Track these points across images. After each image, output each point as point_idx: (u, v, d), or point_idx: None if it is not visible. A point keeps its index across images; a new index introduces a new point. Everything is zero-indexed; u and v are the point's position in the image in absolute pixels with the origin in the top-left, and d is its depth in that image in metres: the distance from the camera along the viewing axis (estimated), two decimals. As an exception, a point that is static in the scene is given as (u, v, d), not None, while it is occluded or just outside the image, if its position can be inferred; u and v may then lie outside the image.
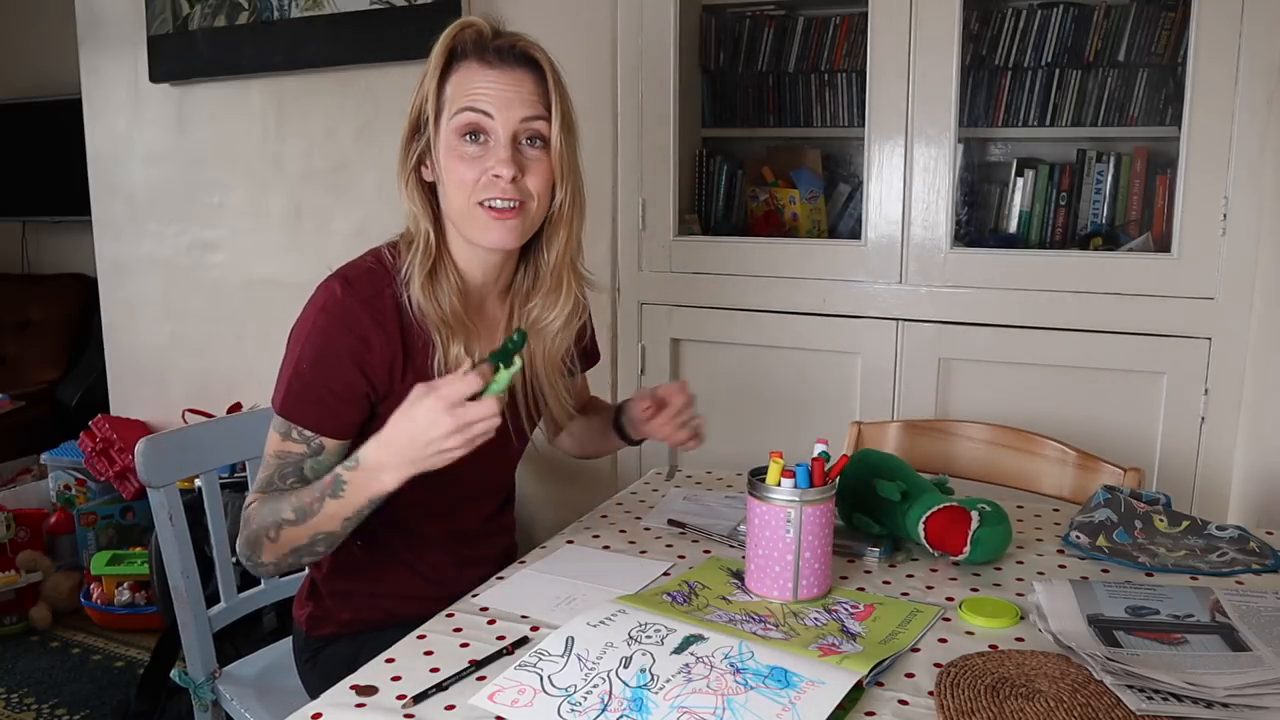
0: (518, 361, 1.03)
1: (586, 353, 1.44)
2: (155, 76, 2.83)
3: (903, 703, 0.87)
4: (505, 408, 1.28)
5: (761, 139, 2.47)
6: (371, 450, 1.06)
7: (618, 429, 1.40)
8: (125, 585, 2.62)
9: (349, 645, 1.25)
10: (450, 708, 0.88)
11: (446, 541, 1.29)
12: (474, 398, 1.00)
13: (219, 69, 2.73)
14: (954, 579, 1.15)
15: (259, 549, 1.14)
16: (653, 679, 0.89)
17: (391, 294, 1.17)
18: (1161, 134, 2.03)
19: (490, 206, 1.15)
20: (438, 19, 2.35)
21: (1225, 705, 0.83)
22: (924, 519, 1.17)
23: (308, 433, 1.14)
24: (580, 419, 1.44)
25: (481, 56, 1.16)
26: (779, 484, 1.07)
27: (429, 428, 1.00)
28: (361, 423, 1.18)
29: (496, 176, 1.14)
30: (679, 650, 0.93)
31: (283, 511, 1.11)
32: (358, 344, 1.14)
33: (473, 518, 1.33)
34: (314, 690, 1.28)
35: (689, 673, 0.89)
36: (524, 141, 1.16)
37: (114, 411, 3.15)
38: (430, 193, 1.22)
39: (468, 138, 1.15)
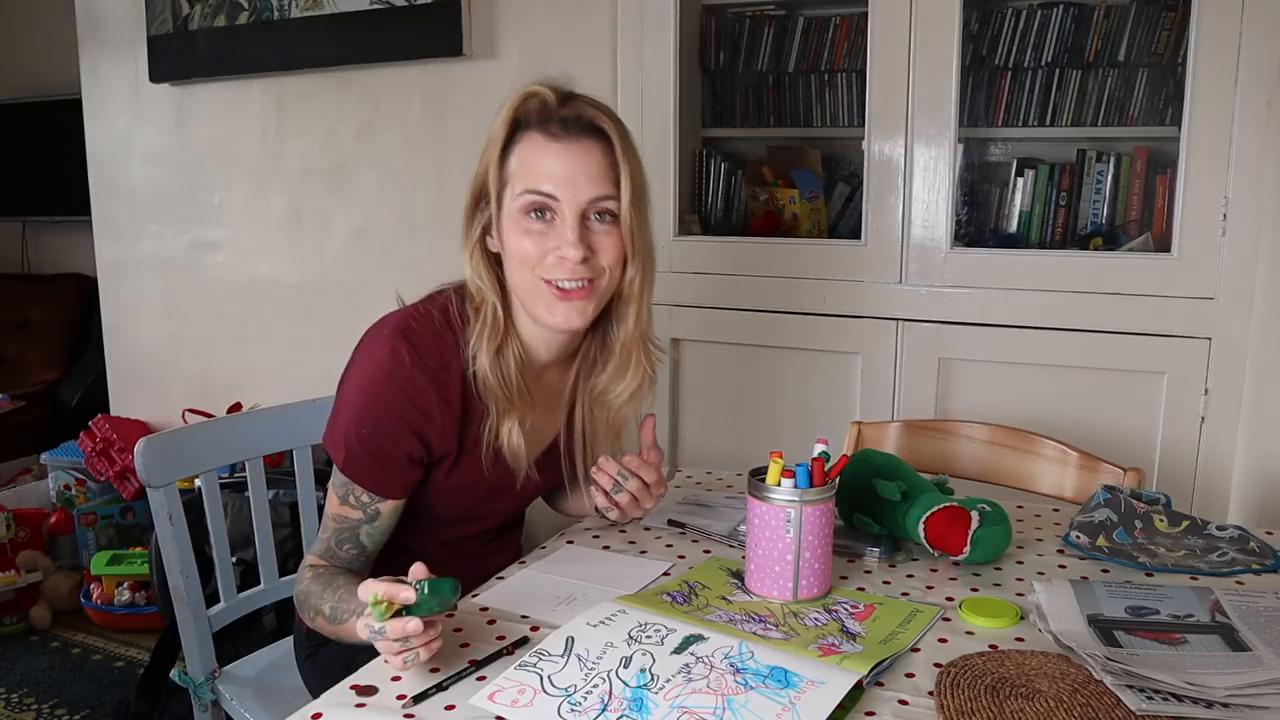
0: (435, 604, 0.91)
1: None
2: (155, 76, 2.83)
3: (903, 703, 0.87)
4: (555, 446, 1.27)
5: (761, 139, 2.47)
6: None
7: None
8: (125, 585, 2.62)
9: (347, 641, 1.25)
10: (450, 708, 0.88)
11: (448, 559, 1.29)
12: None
13: (219, 69, 2.73)
14: (954, 579, 1.15)
15: (305, 613, 1.16)
16: (653, 679, 0.89)
17: (458, 365, 1.14)
18: (1161, 134, 2.03)
19: (558, 286, 1.12)
20: (438, 19, 2.36)
21: (1225, 705, 0.83)
22: (924, 519, 1.17)
23: (364, 497, 1.15)
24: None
25: (545, 129, 1.11)
26: (779, 484, 1.07)
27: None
28: (418, 482, 1.19)
29: (563, 257, 1.10)
30: (679, 650, 0.93)
31: (323, 604, 1.11)
32: (419, 416, 1.13)
33: (479, 537, 1.34)
34: (313, 686, 1.29)
35: (689, 673, 0.89)
36: (592, 217, 1.12)
37: (114, 411, 3.15)
38: (496, 263, 1.18)
39: (533, 214, 1.11)
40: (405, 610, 0.90)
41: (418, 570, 0.93)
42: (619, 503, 1.26)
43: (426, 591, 0.90)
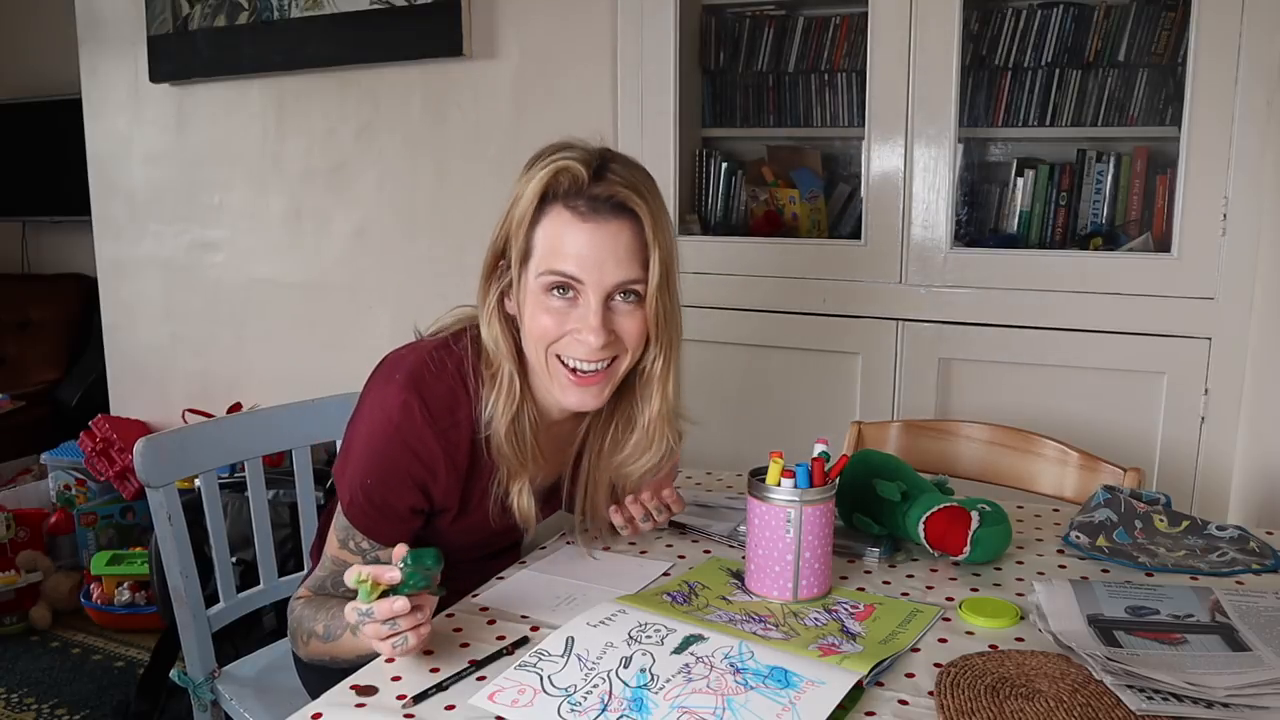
0: (421, 577, 0.93)
1: None
2: (155, 76, 2.83)
3: (903, 703, 0.87)
4: (558, 484, 1.27)
5: (761, 139, 2.47)
6: None
7: None
8: (125, 585, 2.62)
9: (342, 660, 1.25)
10: (450, 708, 0.88)
11: (455, 572, 1.30)
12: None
13: (219, 69, 2.73)
14: (954, 579, 1.15)
15: (296, 642, 1.17)
16: (653, 679, 0.89)
17: (468, 423, 1.12)
18: (1161, 134, 2.03)
19: (574, 369, 1.09)
20: (438, 19, 2.36)
21: (1225, 705, 0.83)
22: (924, 519, 1.17)
23: (364, 544, 1.14)
24: None
25: (573, 205, 1.06)
26: (779, 484, 1.07)
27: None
28: (419, 530, 1.19)
29: (583, 340, 1.07)
30: (679, 650, 0.93)
31: (315, 625, 1.12)
32: (425, 473, 1.12)
33: (486, 556, 1.34)
34: (312, 687, 1.28)
35: (689, 673, 0.89)
36: (617, 297, 1.08)
37: (114, 411, 3.15)
38: (514, 326, 1.14)
39: (555, 292, 1.07)
40: (391, 591, 0.90)
41: (400, 550, 0.93)
42: (639, 529, 1.26)
43: (410, 563, 0.90)
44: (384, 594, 0.90)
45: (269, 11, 2.60)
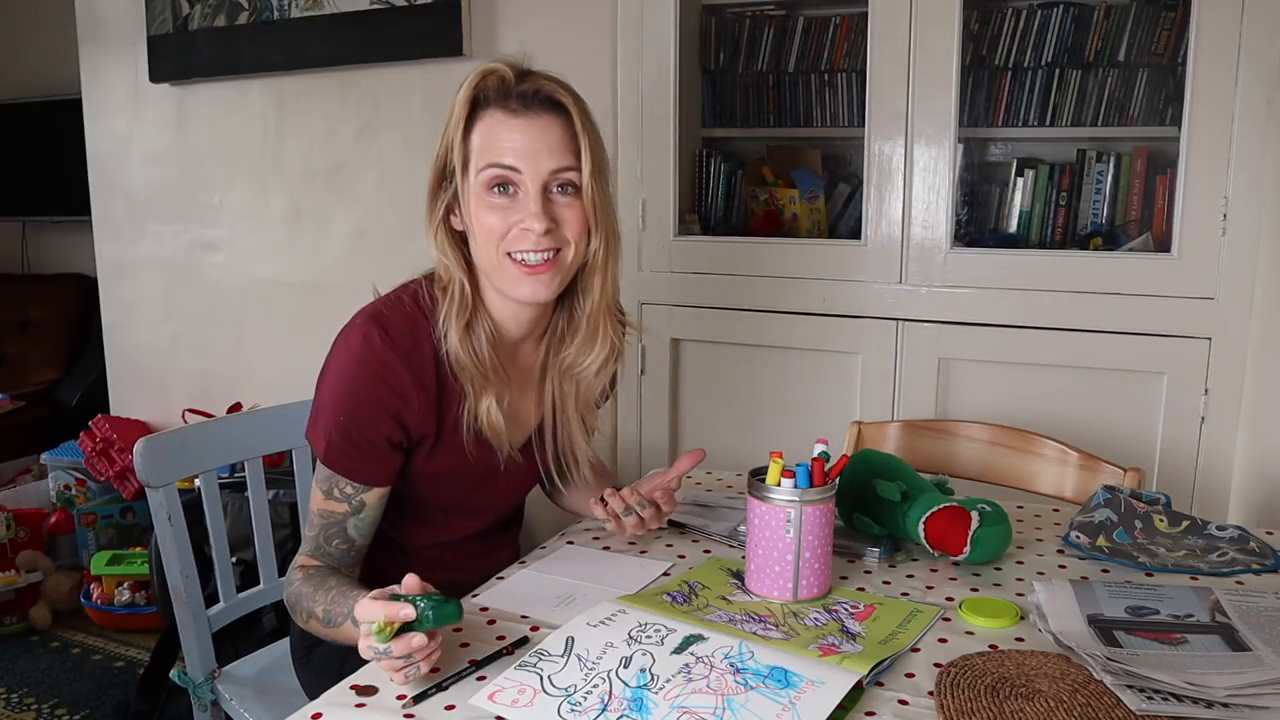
0: (430, 618, 0.91)
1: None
2: (155, 76, 2.83)
3: (903, 703, 0.87)
4: (535, 439, 1.28)
5: (761, 139, 2.47)
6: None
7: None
8: (125, 585, 2.62)
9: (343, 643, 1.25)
10: (450, 708, 0.88)
11: (447, 557, 1.30)
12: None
13: (219, 69, 2.73)
14: (954, 579, 1.15)
15: (295, 615, 1.17)
16: (653, 679, 0.89)
17: (430, 346, 1.16)
18: (1161, 134, 2.03)
19: (522, 261, 1.13)
20: (438, 19, 2.36)
21: (1225, 705, 0.83)
22: (924, 519, 1.17)
23: (348, 489, 1.15)
24: (590, 477, 1.36)
25: (505, 105, 1.13)
26: (779, 484, 1.07)
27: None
28: (400, 469, 1.20)
29: (527, 230, 1.11)
30: (679, 650, 0.93)
31: (315, 606, 1.12)
32: (396, 401, 1.14)
33: (477, 535, 1.34)
34: (309, 687, 1.29)
35: (689, 673, 0.89)
36: (555, 190, 1.13)
37: (114, 411, 3.15)
38: (461, 242, 1.19)
39: (496, 189, 1.13)
40: (405, 626, 0.90)
41: (411, 583, 0.93)
42: (625, 524, 1.25)
43: (432, 617, 0.90)
44: (398, 630, 0.90)
45: (269, 11, 2.60)
